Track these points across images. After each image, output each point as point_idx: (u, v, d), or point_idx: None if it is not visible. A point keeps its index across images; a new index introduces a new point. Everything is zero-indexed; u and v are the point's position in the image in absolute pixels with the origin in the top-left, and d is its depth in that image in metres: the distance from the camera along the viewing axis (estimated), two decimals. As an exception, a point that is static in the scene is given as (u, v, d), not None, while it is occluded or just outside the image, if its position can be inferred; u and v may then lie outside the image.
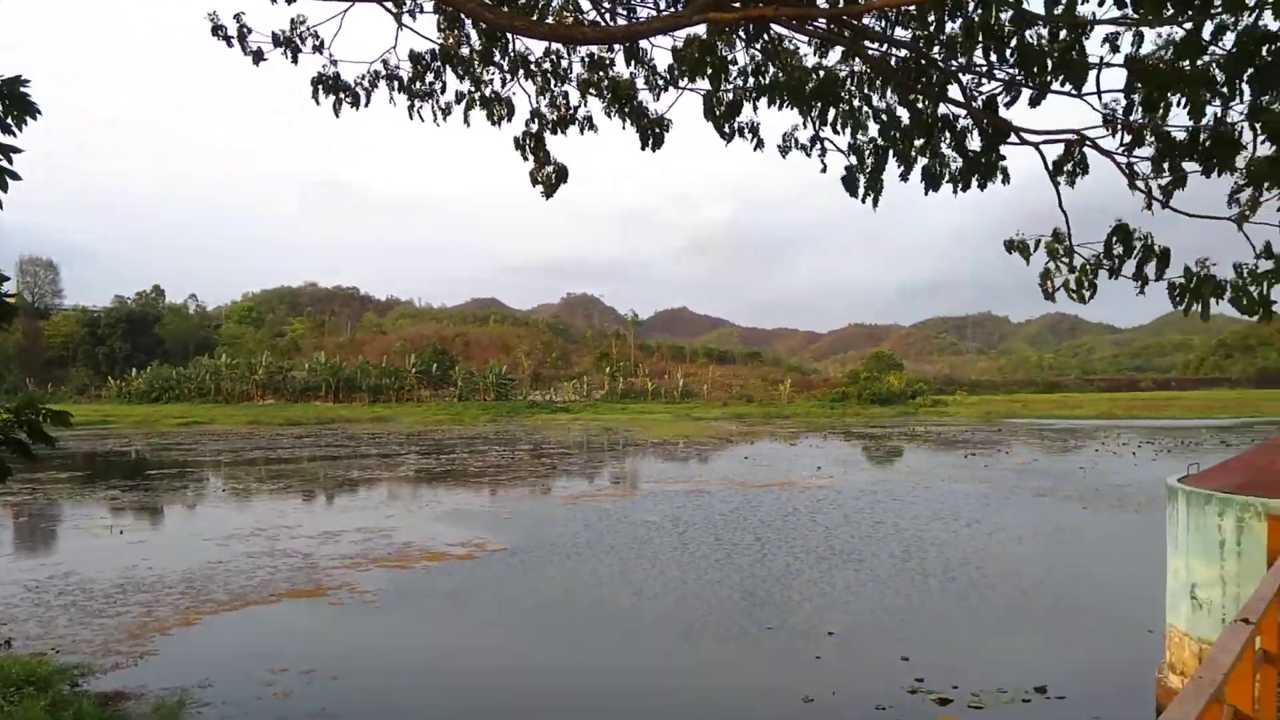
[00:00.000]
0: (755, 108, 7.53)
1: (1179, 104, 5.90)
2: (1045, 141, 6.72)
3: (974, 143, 6.96)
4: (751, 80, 7.45)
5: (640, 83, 7.63)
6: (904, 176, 7.40)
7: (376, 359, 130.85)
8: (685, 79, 7.28)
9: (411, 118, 7.93)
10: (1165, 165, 6.29)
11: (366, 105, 7.82)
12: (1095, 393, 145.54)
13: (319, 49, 7.56)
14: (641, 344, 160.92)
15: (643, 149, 7.86)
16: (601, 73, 7.38)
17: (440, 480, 41.41)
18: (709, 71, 7.14)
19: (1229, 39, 5.40)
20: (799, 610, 17.34)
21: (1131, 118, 6.25)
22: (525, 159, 7.74)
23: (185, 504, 34.06)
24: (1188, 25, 5.50)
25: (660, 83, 7.59)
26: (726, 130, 7.63)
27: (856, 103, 7.32)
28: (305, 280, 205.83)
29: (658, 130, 7.59)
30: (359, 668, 14.07)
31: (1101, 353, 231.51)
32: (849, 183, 7.48)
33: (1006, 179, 7.16)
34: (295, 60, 7.56)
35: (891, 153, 7.31)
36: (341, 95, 7.75)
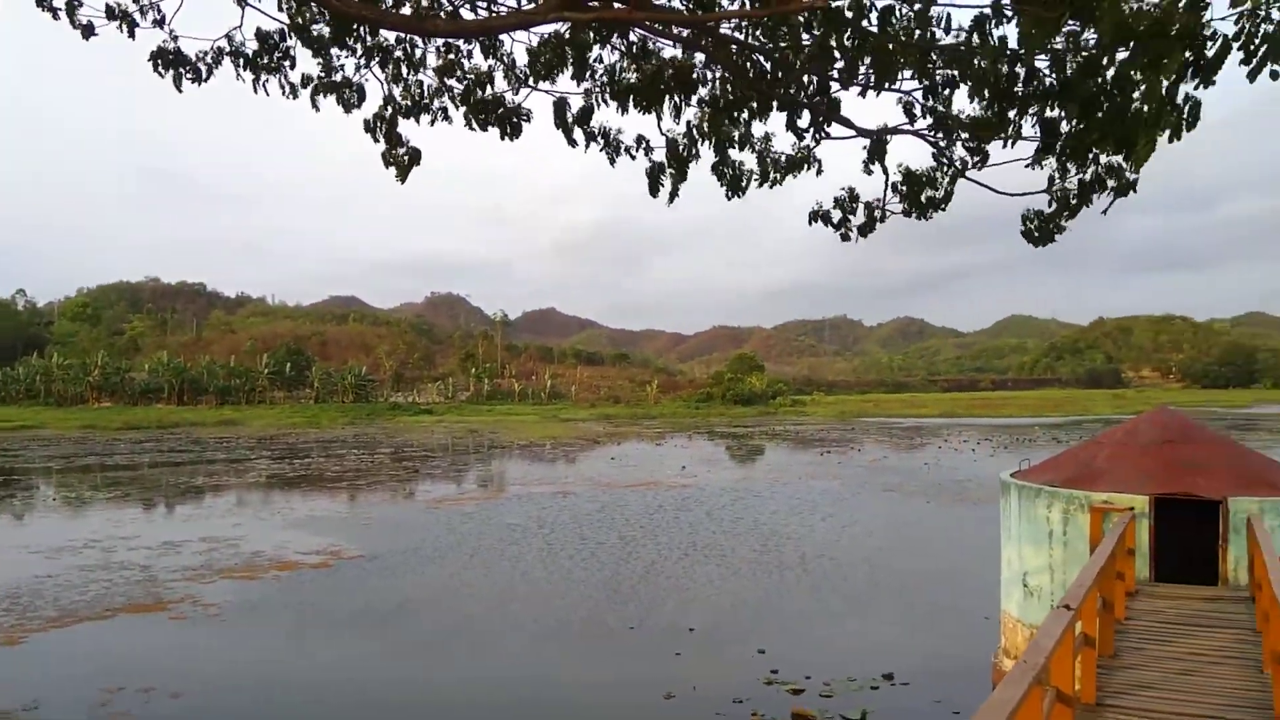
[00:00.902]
0: (626, 109, 7.54)
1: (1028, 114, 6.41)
2: (872, 133, 7.16)
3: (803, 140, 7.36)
4: (608, 81, 7.47)
5: (500, 77, 7.53)
6: (725, 171, 7.71)
7: (225, 359, 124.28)
8: (543, 77, 7.22)
9: (256, 91, 7.52)
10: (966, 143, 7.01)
11: (207, 80, 7.41)
12: (940, 392, 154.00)
13: (159, 24, 7.08)
14: (509, 345, 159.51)
15: (501, 139, 7.75)
16: (457, 67, 7.23)
17: (294, 486, 39.73)
18: (570, 70, 7.11)
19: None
20: (662, 607, 17.53)
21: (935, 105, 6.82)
22: (376, 141, 7.52)
23: (11, 514, 31.39)
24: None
25: (520, 76, 7.50)
26: (575, 136, 7.64)
27: (717, 101, 7.47)
28: (146, 275, 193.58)
29: (514, 120, 7.49)
30: (202, 685, 13.30)
31: (946, 354, 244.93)
32: (651, 177, 7.73)
33: (820, 171, 7.75)
34: (132, 34, 7.04)
35: (711, 146, 7.59)
36: (183, 70, 7.30)
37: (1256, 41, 4.58)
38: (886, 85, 6.42)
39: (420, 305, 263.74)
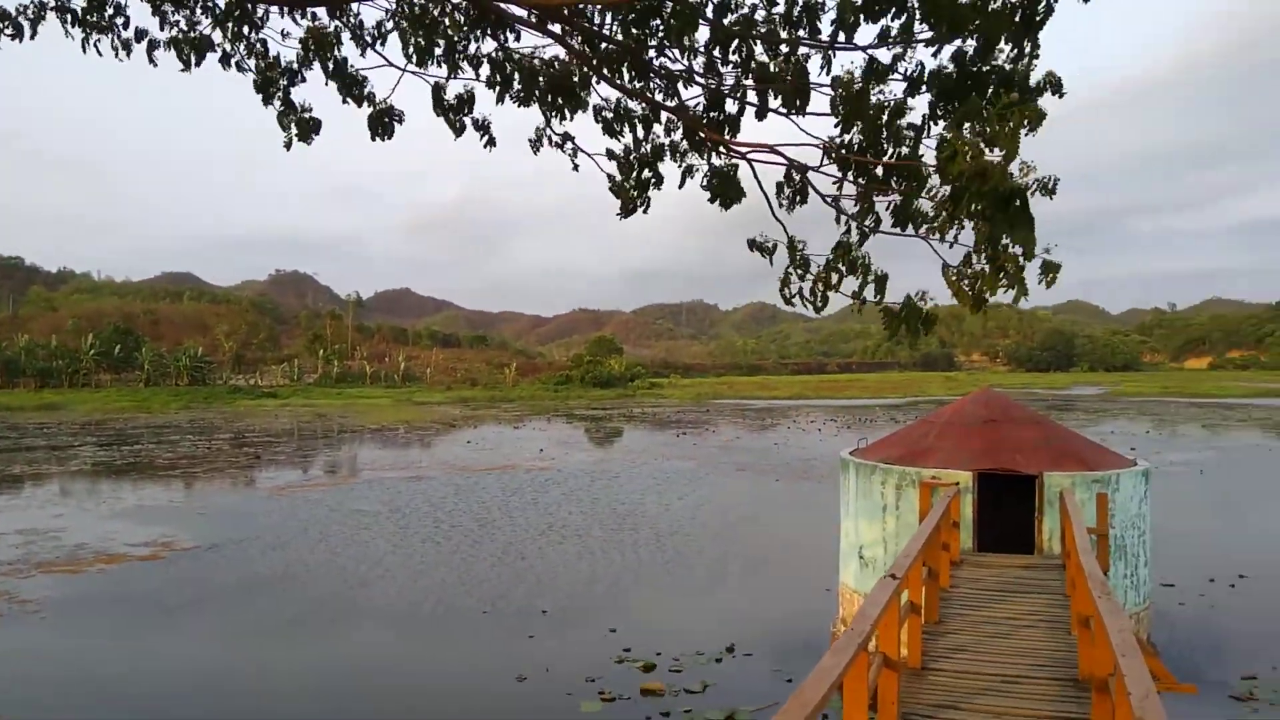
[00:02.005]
0: (514, 99, 7.25)
1: (882, 138, 6.37)
2: (758, 160, 7.07)
3: (699, 158, 7.17)
4: (486, 69, 7.24)
5: (353, 48, 7.20)
6: (657, 185, 7.50)
7: (45, 339, 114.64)
8: (414, 61, 6.94)
9: (85, 51, 6.95)
10: (866, 192, 6.74)
11: (33, 37, 6.78)
12: (790, 375, 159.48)
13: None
14: (360, 325, 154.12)
15: (343, 102, 7.42)
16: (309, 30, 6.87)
17: (122, 474, 37.19)
18: (430, 52, 6.85)
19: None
20: (515, 590, 17.45)
21: (847, 138, 6.60)
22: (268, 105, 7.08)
23: None
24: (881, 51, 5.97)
25: (368, 40, 7.18)
26: (458, 124, 7.37)
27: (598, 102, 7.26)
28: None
29: (357, 90, 7.19)
30: (19, 686, 12.32)
31: (796, 339, 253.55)
32: (618, 190, 7.41)
33: (740, 196, 7.45)
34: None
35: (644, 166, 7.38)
36: (2, 26, 6.65)
37: None
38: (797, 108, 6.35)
39: (264, 283, 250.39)
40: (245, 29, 7.11)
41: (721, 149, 6.71)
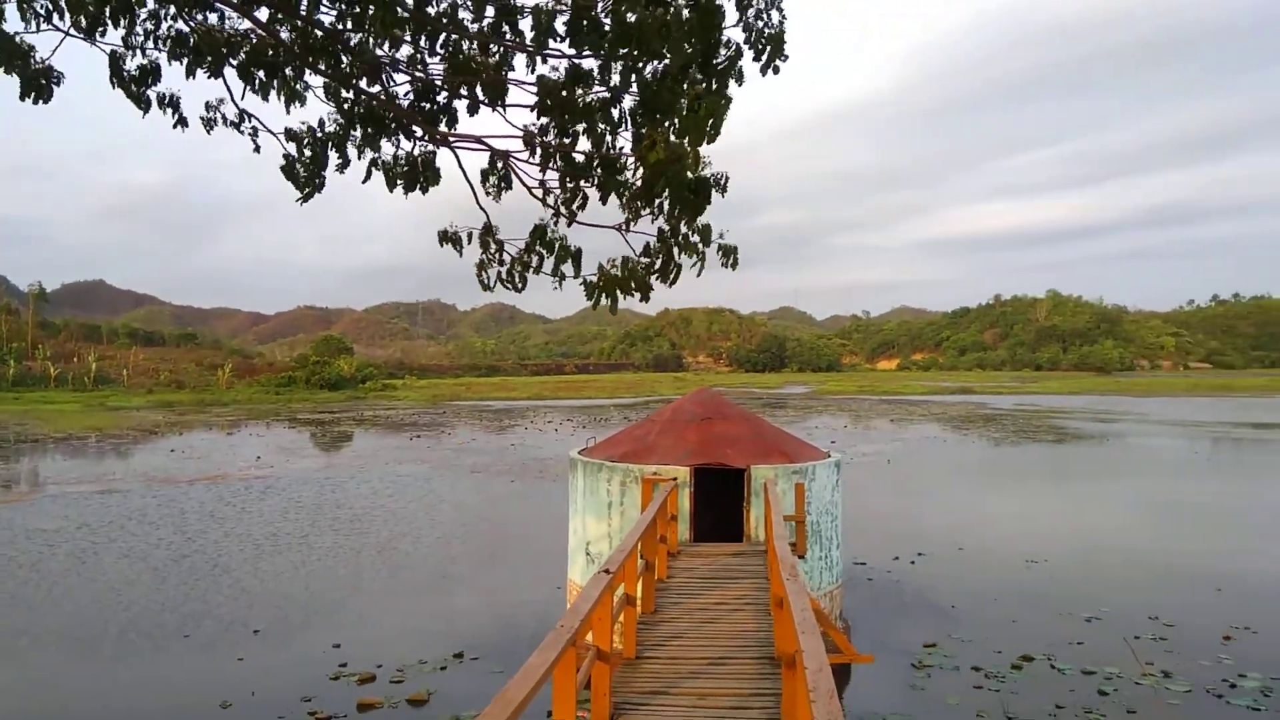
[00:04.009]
0: (206, 72, 6.61)
1: (582, 130, 6.56)
2: (462, 146, 7.00)
3: (407, 145, 6.98)
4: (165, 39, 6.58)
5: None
6: (341, 169, 7.16)
7: None
8: (84, 29, 6.16)
9: None
10: (569, 183, 6.95)
11: None
12: (529, 376, 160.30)
13: None
14: (43, 322, 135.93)
15: (6, 73, 6.50)
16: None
17: None
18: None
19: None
20: (222, 609, 16.12)
21: (547, 139, 6.77)
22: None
23: None
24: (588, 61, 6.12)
25: (39, 11, 6.32)
26: (143, 98, 6.66)
27: (293, 80, 6.85)
28: None
29: (20, 62, 6.32)
30: None
31: (535, 340, 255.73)
32: (289, 172, 7.03)
33: (437, 179, 7.34)
34: None
35: (331, 144, 7.03)
36: None
37: (764, 43, 5.31)
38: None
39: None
40: None
41: (428, 139, 6.62)
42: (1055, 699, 11.90)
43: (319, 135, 6.99)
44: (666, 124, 5.54)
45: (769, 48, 5.63)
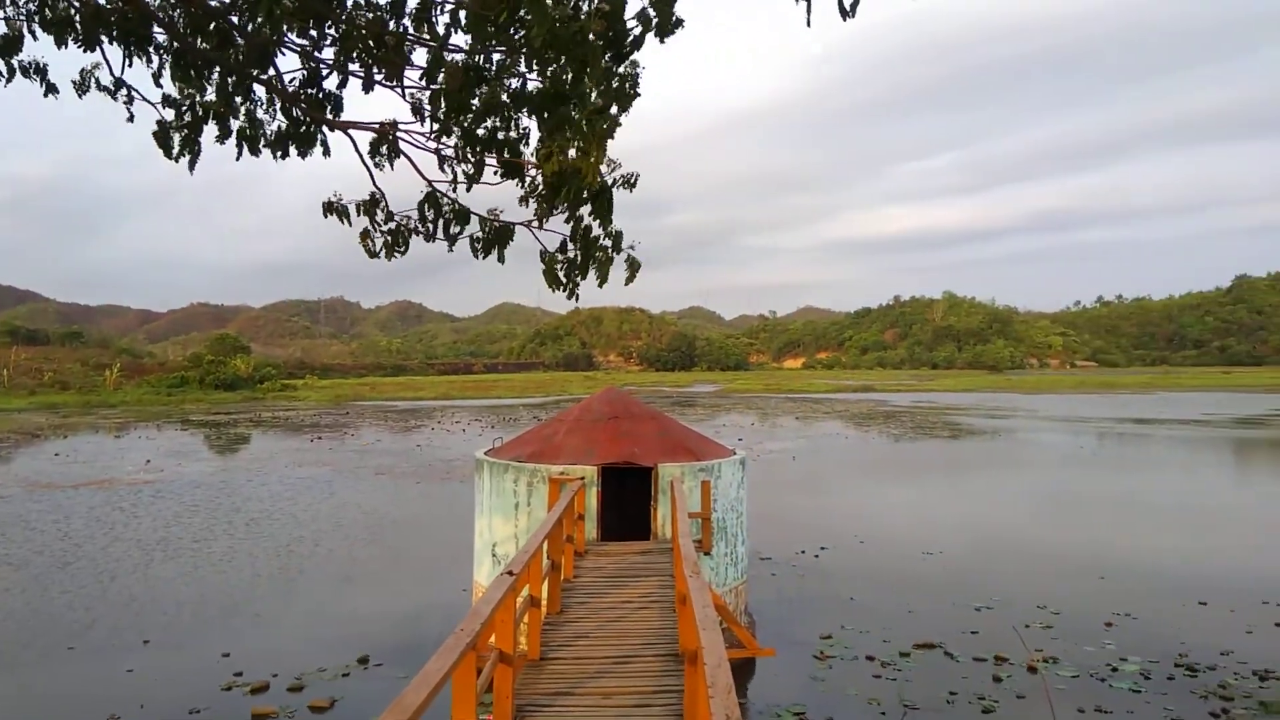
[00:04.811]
0: (77, 43, 6.26)
1: (471, 122, 6.47)
2: (353, 127, 6.83)
3: (281, 120, 6.78)
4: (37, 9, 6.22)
5: None
6: (221, 139, 6.91)
7: None
8: None
9: None
10: (468, 154, 6.87)
11: None
12: (436, 375, 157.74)
13: None
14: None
15: None
16: None
17: None
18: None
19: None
20: (108, 621, 15.37)
21: (439, 110, 6.67)
22: None
23: None
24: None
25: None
26: (6, 68, 6.30)
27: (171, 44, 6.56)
28: None
29: None
30: None
31: (443, 339, 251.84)
32: (162, 139, 6.77)
33: (327, 151, 7.15)
34: None
35: (210, 112, 6.77)
36: None
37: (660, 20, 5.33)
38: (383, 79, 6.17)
39: None
40: None
41: (314, 124, 6.47)
42: (950, 686, 12.33)
43: (198, 103, 6.74)
44: (559, 139, 5.51)
45: (659, 17, 5.61)
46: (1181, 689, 12.26)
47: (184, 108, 6.78)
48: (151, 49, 6.42)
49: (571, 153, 5.79)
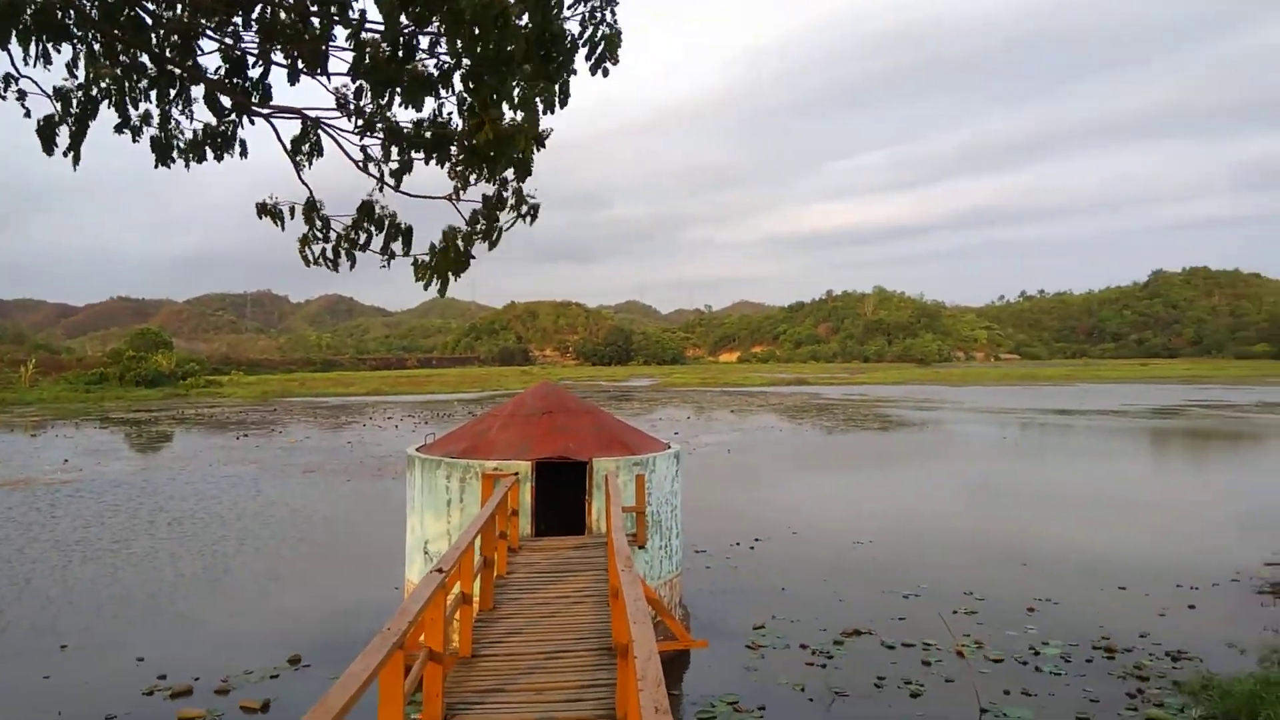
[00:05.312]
0: None
1: (402, 97, 6.34)
2: (276, 116, 6.64)
3: (204, 113, 6.55)
4: None
5: None
6: (124, 131, 6.61)
7: None
8: None
9: None
10: (394, 151, 6.71)
11: None
12: (368, 371, 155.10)
13: None
14: None
15: None
16: None
17: None
18: None
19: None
20: (23, 625, 14.79)
21: (363, 103, 6.50)
22: None
23: None
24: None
25: None
26: None
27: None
28: None
29: None
30: None
31: (375, 333, 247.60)
32: (44, 134, 6.45)
33: (244, 153, 6.90)
34: None
35: (112, 105, 6.49)
36: None
37: (597, 39, 5.30)
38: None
39: None
40: None
41: (235, 112, 6.26)
42: (879, 672, 12.59)
43: (92, 94, 6.45)
44: (495, 110, 5.45)
45: (602, 46, 5.62)
46: (1100, 670, 12.72)
47: (73, 100, 6.47)
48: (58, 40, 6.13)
49: (508, 118, 5.73)
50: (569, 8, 5.48)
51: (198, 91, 6.46)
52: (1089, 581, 17.54)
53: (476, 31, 5.00)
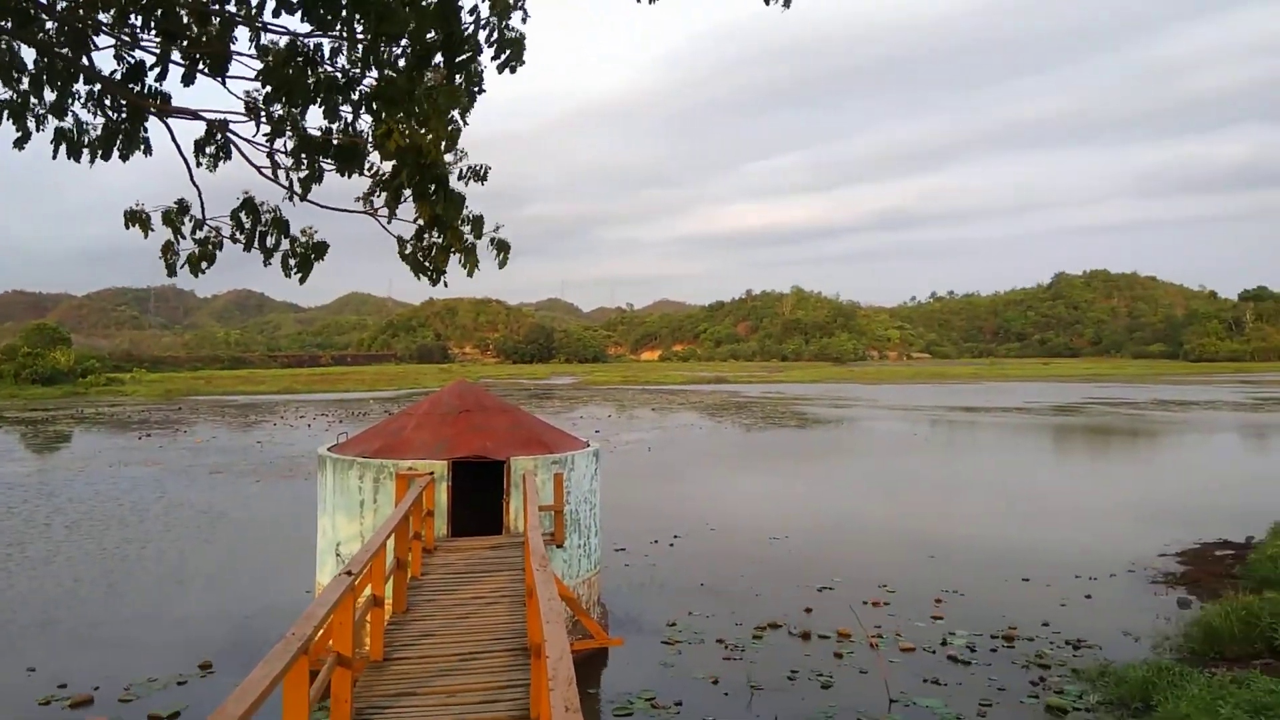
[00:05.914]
0: None
1: (316, 104, 6.13)
2: (181, 115, 6.36)
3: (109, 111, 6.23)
4: None
5: None
6: (20, 144, 6.25)
7: None
8: None
9: None
10: (304, 160, 6.48)
11: None
12: (279, 368, 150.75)
13: None
14: None
15: None
16: None
17: None
18: None
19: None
20: (-101, 642, 13.92)
21: (273, 109, 6.26)
22: None
23: None
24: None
25: None
26: None
27: None
28: None
29: None
30: None
31: (287, 330, 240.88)
32: None
33: (149, 150, 6.59)
34: None
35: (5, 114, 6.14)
36: None
37: (501, 44, 5.23)
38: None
39: None
40: None
41: (131, 112, 5.99)
42: (793, 665, 12.80)
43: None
44: (403, 113, 5.32)
45: (509, 50, 5.55)
46: (1004, 659, 13.17)
47: None
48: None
49: (418, 132, 5.60)
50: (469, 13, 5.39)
51: (95, 88, 6.17)
52: (994, 573, 18.15)
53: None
